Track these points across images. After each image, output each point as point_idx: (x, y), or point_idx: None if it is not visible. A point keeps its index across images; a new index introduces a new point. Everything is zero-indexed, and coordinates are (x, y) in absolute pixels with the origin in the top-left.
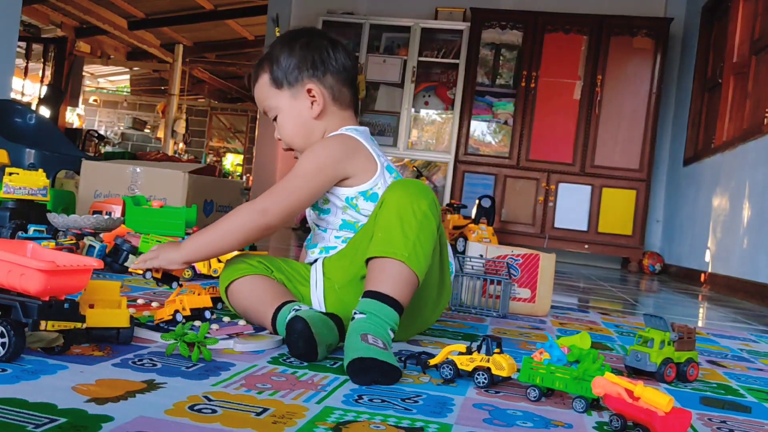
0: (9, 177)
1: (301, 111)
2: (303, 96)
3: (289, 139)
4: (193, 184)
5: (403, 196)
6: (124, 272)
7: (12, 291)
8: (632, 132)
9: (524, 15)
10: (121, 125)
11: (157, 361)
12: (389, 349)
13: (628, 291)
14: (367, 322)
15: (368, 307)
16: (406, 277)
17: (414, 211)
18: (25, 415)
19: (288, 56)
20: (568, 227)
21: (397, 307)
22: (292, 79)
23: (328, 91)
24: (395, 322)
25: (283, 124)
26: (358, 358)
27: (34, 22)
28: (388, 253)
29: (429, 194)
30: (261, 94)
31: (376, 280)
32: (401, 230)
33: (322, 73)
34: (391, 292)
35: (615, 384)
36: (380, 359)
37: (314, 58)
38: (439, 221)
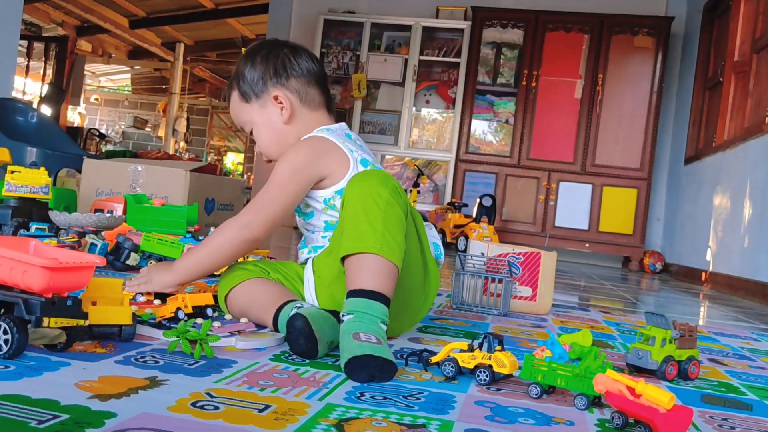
0: (11, 175)
1: (271, 119)
2: (271, 104)
3: (265, 148)
4: (195, 182)
5: (362, 189)
6: (125, 270)
7: (15, 288)
8: (633, 131)
9: (525, 14)
10: (122, 124)
11: (160, 358)
12: (384, 343)
13: (629, 290)
14: (356, 321)
15: (354, 307)
16: (384, 267)
17: (376, 201)
18: (28, 412)
19: (250, 69)
20: (569, 226)
21: (382, 299)
22: (258, 90)
23: (294, 95)
24: (384, 315)
25: (258, 135)
26: (354, 357)
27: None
28: (360, 249)
29: (389, 181)
30: (234, 112)
31: (355, 278)
32: (368, 223)
33: (286, 79)
34: (373, 286)
35: (617, 381)
36: (375, 354)
37: (275, 65)
38: (406, 205)
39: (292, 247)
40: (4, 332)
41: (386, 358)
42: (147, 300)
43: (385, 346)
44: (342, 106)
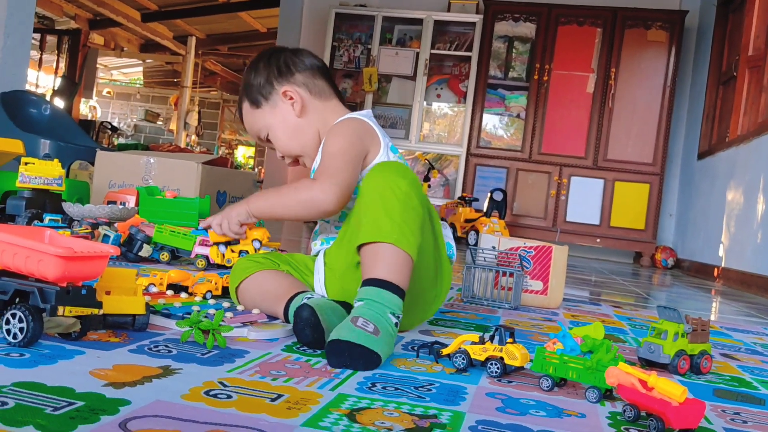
0: (25, 167)
1: (284, 116)
2: (281, 102)
3: (284, 147)
4: (207, 175)
5: (381, 179)
6: (138, 261)
7: (30, 277)
8: (646, 125)
9: (538, 7)
10: (134, 117)
11: (173, 347)
12: (382, 333)
13: (640, 285)
14: (365, 308)
15: (366, 294)
16: (399, 258)
17: (394, 191)
18: (44, 399)
19: (255, 76)
20: (580, 221)
21: (395, 290)
22: (266, 93)
23: (302, 88)
24: (396, 306)
25: (275, 137)
26: (335, 340)
27: (49, 13)
28: (376, 238)
29: (407, 174)
30: (249, 123)
31: (370, 267)
32: (385, 213)
33: (291, 75)
34: (387, 276)
35: (629, 374)
36: (356, 342)
37: (278, 65)
38: (423, 199)
39: (303, 240)
40: (20, 320)
41: (368, 348)
42: (159, 291)
43: (384, 336)
44: (353, 99)
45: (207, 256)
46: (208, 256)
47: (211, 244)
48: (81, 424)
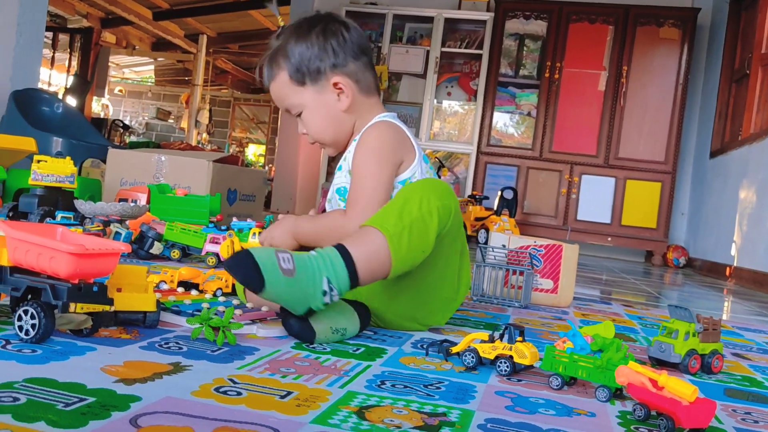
0: (37, 164)
1: (328, 105)
2: (329, 89)
3: (317, 134)
4: (217, 173)
5: (419, 187)
6: (149, 259)
7: (42, 274)
8: (658, 123)
9: (549, 5)
10: (146, 115)
11: (183, 344)
12: (293, 279)
13: (651, 284)
14: (306, 255)
15: (325, 251)
16: (381, 253)
17: (421, 202)
18: (55, 394)
19: (306, 49)
20: (591, 219)
21: (352, 274)
22: (314, 74)
23: (353, 80)
24: (341, 283)
25: (309, 120)
26: (244, 251)
27: (61, 12)
28: (376, 224)
29: (447, 198)
30: (280, 93)
31: (352, 240)
32: (399, 210)
33: (344, 61)
34: (357, 258)
35: (639, 373)
36: (254, 259)
37: (333, 46)
38: (444, 228)
39: None
40: (32, 317)
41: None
42: (170, 288)
43: (294, 282)
44: None
45: (217, 253)
46: (218, 253)
47: (221, 242)
48: (92, 420)
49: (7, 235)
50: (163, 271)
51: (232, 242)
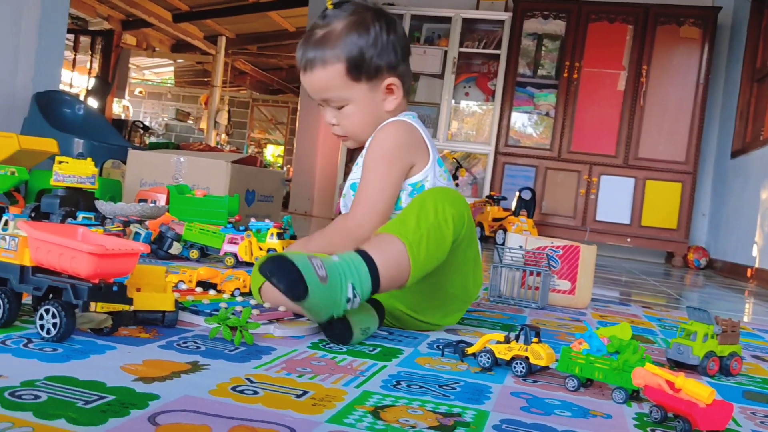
0: (59, 165)
1: (376, 104)
2: (380, 89)
3: (356, 130)
4: (236, 173)
5: (434, 195)
6: (168, 259)
7: (63, 273)
8: (678, 123)
9: (568, 4)
10: (165, 116)
11: (201, 343)
12: (326, 285)
13: (671, 285)
14: (333, 261)
15: (348, 256)
16: (401, 262)
17: (437, 209)
18: (76, 392)
19: (369, 45)
20: (610, 220)
21: (375, 279)
22: (372, 72)
23: (402, 82)
24: (364, 289)
25: (352, 115)
26: (280, 254)
27: (82, 14)
28: (395, 231)
29: (460, 206)
30: (328, 83)
31: (371, 246)
32: (416, 218)
33: (398, 61)
34: (379, 263)
35: (656, 375)
36: (296, 266)
37: (395, 47)
38: (458, 237)
39: None
40: (53, 316)
41: (303, 277)
42: (188, 288)
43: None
44: None
45: (236, 254)
46: (236, 254)
47: (240, 243)
48: (111, 418)
49: (30, 236)
50: (182, 271)
51: (250, 243)
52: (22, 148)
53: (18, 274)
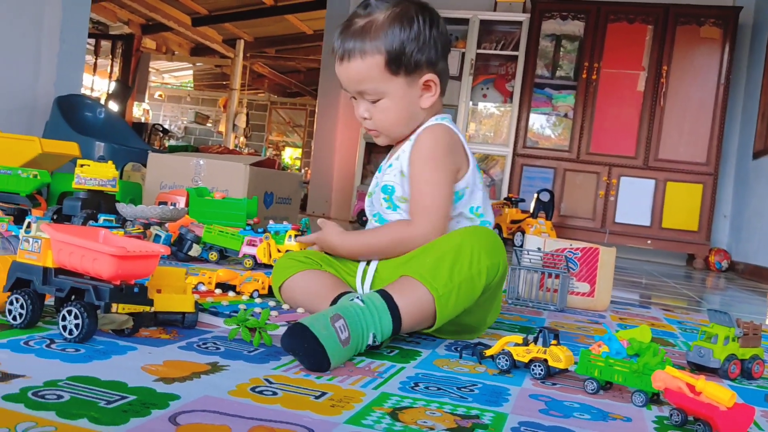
0: (80, 168)
1: (412, 100)
2: (418, 85)
3: (388, 126)
4: (254, 176)
5: (472, 242)
6: (187, 261)
7: (86, 275)
8: (699, 124)
9: (586, 5)
10: (185, 119)
11: (221, 344)
12: (348, 347)
13: (692, 288)
14: (357, 311)
15: (373, 299)
16: (426, 312)
17: (472, 260)
18: (98, 392)
19: (411, 39)
20: (630, 222)
21: (397, 325)
22: (411, 67)
23: (440, 78)
24: (383, 335)
25: (386, 110)
26: (304, 326)
27: (103, 19)
28: (426, 281)
29: (497, 255)
30: (366, 75)
31: (399, 289)
32: (450, 269)
33: (438, 58)
34: (403, 310)
35: (676, 378)
36: (320, 342)
37: (436, 43)
38: (490, 283)
39: None
40: (75, 317)
41: (327, 354)
42: (208, 290)
43: (348, 350)
44: None
45: (254, 255)
46: (255, 255)
47: (258, 245)
48: (133, 418)
49: (52, 238)
50: (201, 273)
51: (269, 245)
52: (44, 151)
53: (41, 276)
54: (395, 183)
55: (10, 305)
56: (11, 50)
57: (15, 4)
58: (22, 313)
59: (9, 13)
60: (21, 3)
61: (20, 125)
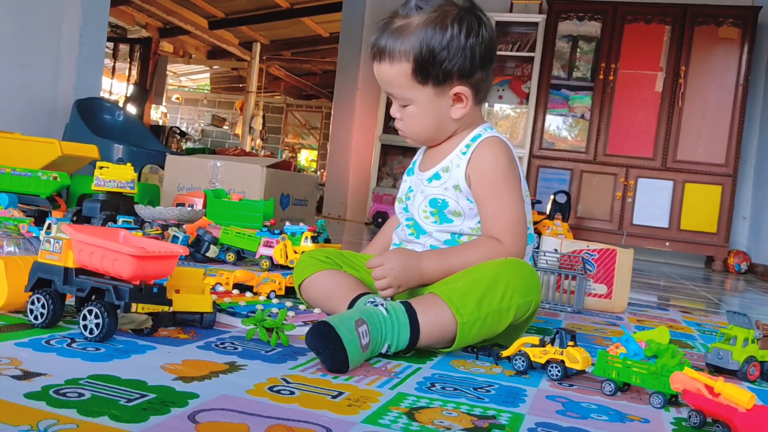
0: (99, 171)
1: (440, 109)
2: (447, 95)
3: (416, 130)
4: (271, 178)
5: (509, 276)
6: (205, 262)
7: (106, 275)
8: (717, 125)
9: (603, 5)
10: (202, 122)
11: (238, 344)
12: (366, 352)
13: (711, 290)
14: (380, 319)
15: (398, 310)
16: (445, 334)
17: (504, 295)
18: (118, 391)
19: (441, 47)
20: (648, 224)
21: (414, 340)
22: (440, 77)
23: (474, 90)
24: (399, 347)
25: (414, 116)
26: (329, 325)
27: (121, 23)
28: (454, 305)
29: (531, 294)
30: (393, 80)
31: (425, 310)
32: (479, 299)
33: (473, 68)
34: (423, 327)
35: (694, 379)
36: (343, 345)
37: (472, 52)
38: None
39: (364, 242)
40: (96, 317)
41: (348, 358)
42: (225, 290)
43: (366, 354)
44: None
45: (271, 257)
46: (272, 257)
47: (275, 246)
48: (153, 415)
49: (73, 238)
50: (219, 274)
51: (285, 246)
52: (64, 153)
53: (62, 276)
54: (447, 197)
55: (32, 305)
56: (32, 54)
57: (35, 9)
58: (44, 312)
59: (30, 19)
60: (41, 8)
61: (40, 128)
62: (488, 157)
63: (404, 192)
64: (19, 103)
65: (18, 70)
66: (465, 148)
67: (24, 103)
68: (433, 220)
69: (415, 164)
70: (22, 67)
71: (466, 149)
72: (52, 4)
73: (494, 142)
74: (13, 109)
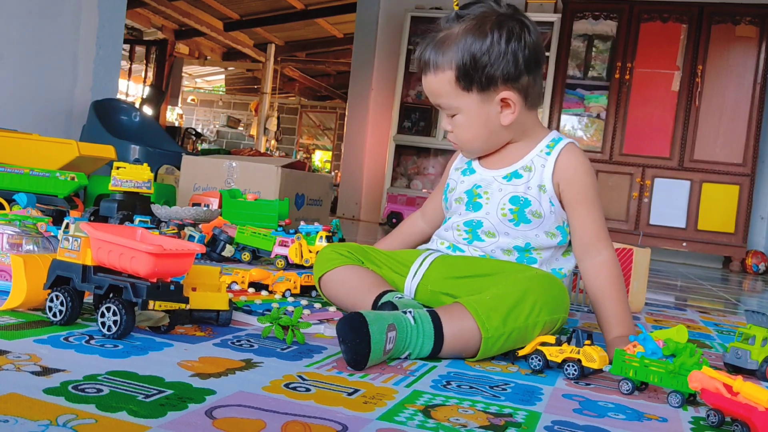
0: (116, 171)
1: (488, 117)
2: (494, 101)
3: (467, 139)
4: (286, 178)
5: (538, 292)
6: (221, 261)
7: (123, 273)
8: (735, 124)
9: (619, 4)
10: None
11: (254, 342)
12: (386, 356)
13: (729, 290)
14: (410, 327)
15: (423, 326)
16: (468, 347)
17: (531, 311)
18: (136, 387)
19: (482, 53)
20: (665, 224)
21: (436, 350)
22: (484, 84)
23: (522, 96)
24: (418, 355)
25: (463, 125)
26: (364, 320)
27: (137, 25)
28: (480, 318)
29: (559, 313)
30: (439, 90)
31: (450, 320)
32: (506, 314)
33: (518, 73)
34: (447, 336)
35: (713, 378)
36: (370, 344)
37: (512, 53)
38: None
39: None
40: (114, 314)
41: (369, 357)
42: (241, 289)
43: (384, 358)
44: (428, 103)
45: (286, 256)
46: (287, 256)
47: (290, 245)
48: (170, 411)
49: (92, 236)
50: (235, 273)
51: (300, 245)
52: (82, 154)
53: (80, 274)
54: (530, 196)
55: (51, 302)
56: (50, 57)
57: (53, 11)
58: (62, 309)
59: (47, 21)
60: (58, 11)
61: (58, 129)
62: (580, 167)
63: (462, 191)
64: (37, 105)
65: (36, 72)
66: (547, 149)
67: (42, 104)
68: (510, 218)
69: (470, 164)
70: (40, 70)
71: (549, 150)
72: (70, 7)
73: (578, 150)
74: (31, 110)
